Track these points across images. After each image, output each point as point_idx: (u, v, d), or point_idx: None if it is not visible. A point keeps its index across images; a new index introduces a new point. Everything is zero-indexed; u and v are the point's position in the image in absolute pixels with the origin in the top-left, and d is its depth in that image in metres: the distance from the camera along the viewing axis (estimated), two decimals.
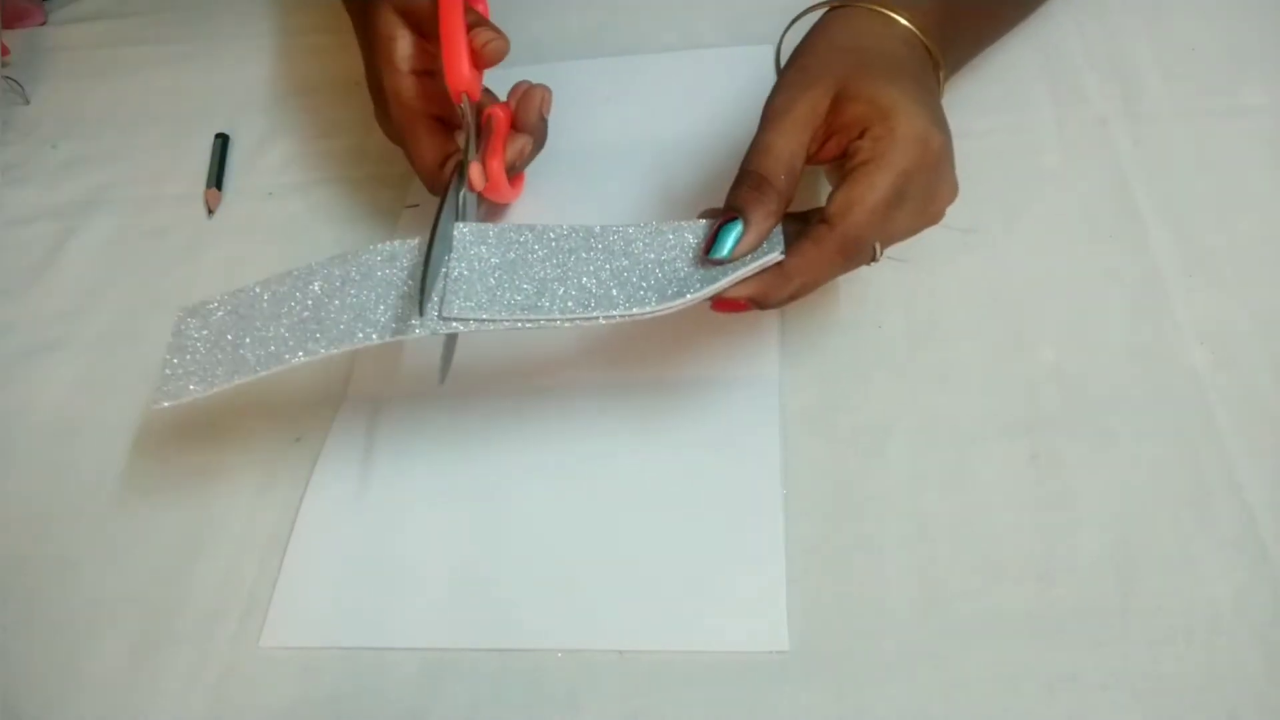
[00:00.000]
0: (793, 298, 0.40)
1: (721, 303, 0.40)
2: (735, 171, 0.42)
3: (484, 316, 0.40)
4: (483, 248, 0.42)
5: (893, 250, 0.50)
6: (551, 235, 0.42)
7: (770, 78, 0.60)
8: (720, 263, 0.40)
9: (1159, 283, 0.47)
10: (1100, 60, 0.56)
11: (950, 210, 0.51)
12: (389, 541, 0.46)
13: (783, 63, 0.46)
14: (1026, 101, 0.55)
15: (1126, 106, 0.54)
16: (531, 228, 0.43)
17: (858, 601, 0.41)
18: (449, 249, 0.42)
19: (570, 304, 0.40)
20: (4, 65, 0.72)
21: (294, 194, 0.62)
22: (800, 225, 0.42)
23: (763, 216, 0.39)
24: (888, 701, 0.38)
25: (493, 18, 0.59)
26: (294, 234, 0.60)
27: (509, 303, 0.40)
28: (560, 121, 0.61)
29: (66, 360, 0.56)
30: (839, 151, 0.41)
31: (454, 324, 0.40)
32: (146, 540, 0.48)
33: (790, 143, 0.40)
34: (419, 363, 0.52)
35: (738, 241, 0.39)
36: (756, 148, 0.41)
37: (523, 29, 0.67)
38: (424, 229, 0.58)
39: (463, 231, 0.43)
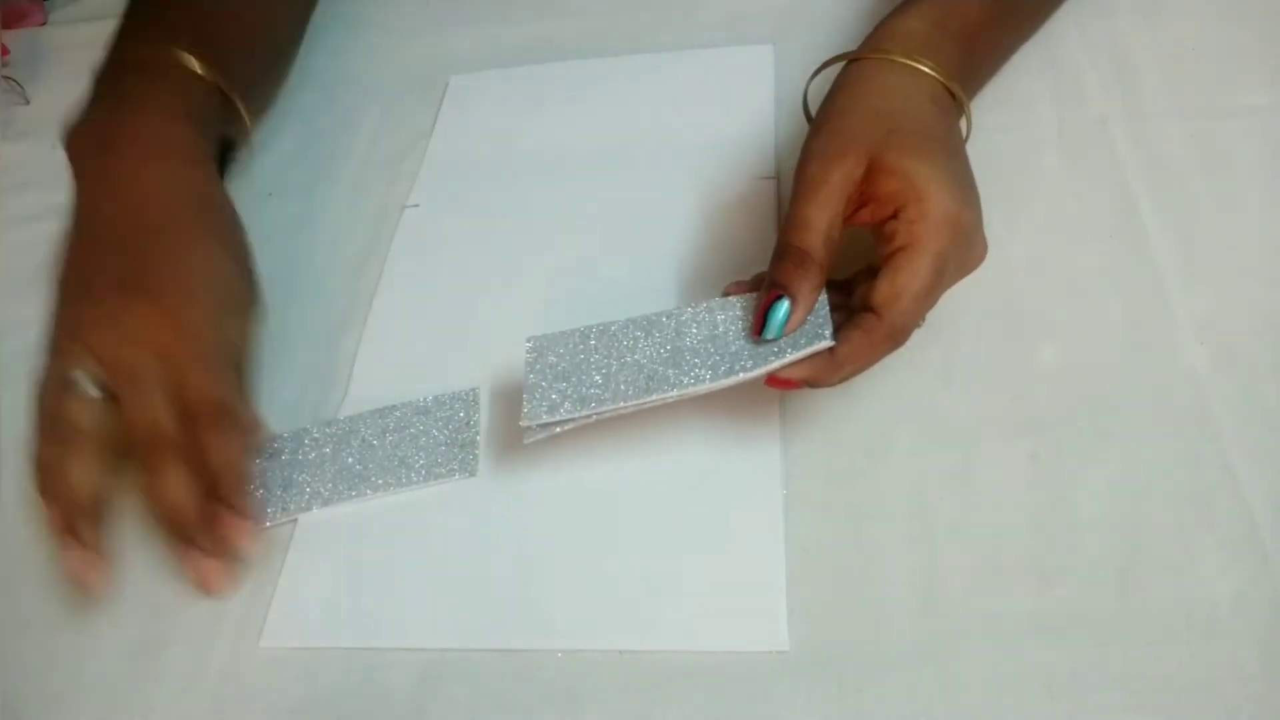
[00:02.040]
0: (844, 379, 0.41)
1: (775, 380, 0.41)
2: (734, 171, 0.43)
3: (556, 418, 0.41)
4: (550, 356, 0.44)
5: None
6: (611, 330, 0.44)
7: (770, 80, 0.60)
8: (772, 342, 0.41)
9: (1159, 283, 0.47)
10: (1100, 60, 0.56)
11: None
12: (389, 542, 0.46)
13: (811, 109, 0.46)
14: (1027, 101, 0.55)
15: (1126, 106, 0.54)
16: (593, 328, 0.44)
17: (858, 601, 0.41)
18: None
19: (630, 390, 0.41)
20: (4, 65, 0.72)
21: (294, 194, 0.62)
22: (842, 297, 0.43)
23: (808, 291, 0.41)
24: (888, 701, 0.38)
25: (494, 17, 0.59)
26: (294, 234, 0.60)
27: (576, 396, 0.42)
28: (559, 122, 0.62)
29: None
30: (871, 221, 0.42)
31: (535, 430, 0.42)
32: (146, 540, 0.48)
33: (827, 214, 0.41)
34: (418, 362, 0.52)
35: (786, 319, 0.40)
36: (795, 222, 0.41)
37: (522, 29, 0.68)
38: (424, 229, 0.59)
39: (533, 343, 0.44)
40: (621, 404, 0.41)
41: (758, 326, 0.41)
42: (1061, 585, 0.40)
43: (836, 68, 0.47)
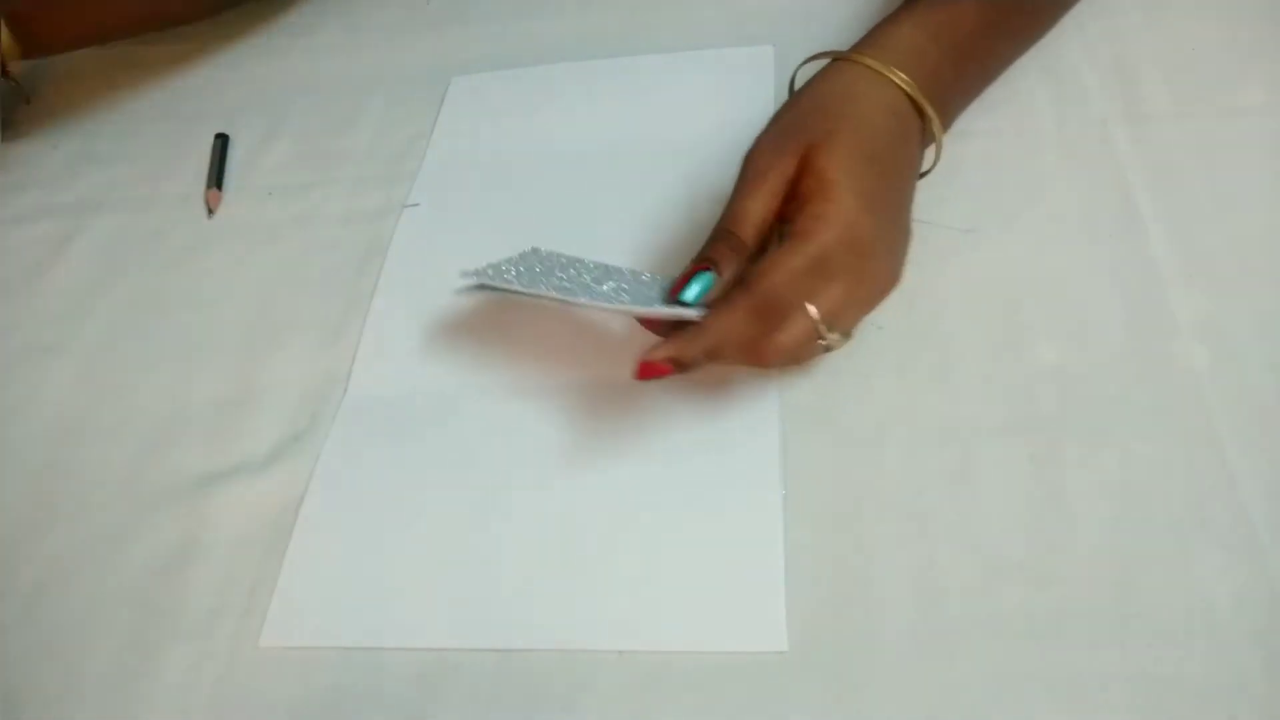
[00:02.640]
0: (708, 355, 0.41)
1: (646, 368, 0.41)
2: (734, 172, 0.43)
3: (491, 282, 0.45)
4: (534, 259, 0.48)
5: None
6: (587, 264, 0.48)
7: (770, 80, 0.60)
8: (686, 305, 0.42)
9: (1159, 283, 0.47)
10: (1100, 60, 0.56)
11: (950, 210, 0.51)
12: (389, 541, 0.46)
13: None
14: (1026, 101, 0.55)
15: (1126, 106, 0.54)
16: (578, 259, 0.48)
17: (857, 602, 0.41)
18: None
19: (550, 289, 0.44)
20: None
21: (294, 194, 0.62)
22: None
23: (733, 274, 0.42)
24: (887, 701, 0.38)
25: (494, 17, 0.60)
26: (294, 234, 0.60)
27: (518, 278, 0.46)
28: (559, 122, 0.62)
29: (66, 360, 0.56)
30: (793, 216, 0.43)
31: (471, 279, 0.46)
32: (146, 540, 0.48)
33: (762, 208, 0.43)
34: (418, 361, 0.52)
35: (707, 289, 0.42)
36: (734, 213, 0.43)
37: (522, 29, 0.68)
38: (424, 229, 0.59)
39: (532, 248, 0.49)
40: (539, 290, 0.44)
41: (679, 287, 0.42)
42: (1060, 585, 0.40)
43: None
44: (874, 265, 0.43)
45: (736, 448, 0.46)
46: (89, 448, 0.52)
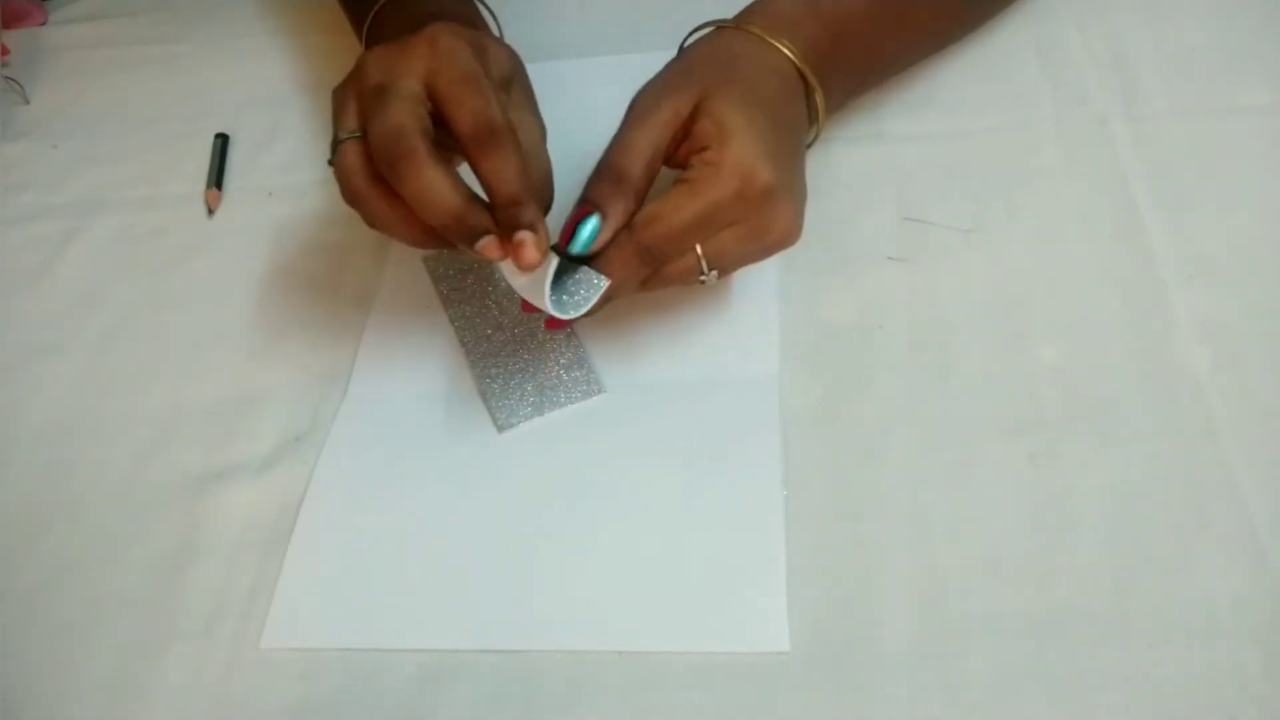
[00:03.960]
0: (605, 300, 0.42)
1: (553, 322, 0.42)
2: None
3: None
4: None
5: (893, 250, 0.51)
6: None
7: None
8: (576, 258, 0.41)
9: (1159, 283, 0.47)
10: (1100, 60, 0.56)
11: (950, 210, 0.51)
12: (389, 541, 0.46)
13: None
14: (1026, 100, 0.55)
15: (1126, 106, 0.54)
16: None
17: (858, 602, 0.41)
18: None
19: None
20: (4, 65, 0.72)
21: (294, 194, 0.62)
22: None
23: (620, 212, 0.41)
24: (888, 702, 0.38)
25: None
26: (294, 234, 0.60)
27: None
28: (560, 122, 0.61)
29: (66, 360, 0.56)
30: (685, 156, 0.43)
31: None
32: (146, 540, 0.48)
33: (651, 140, 0.42)
34: (418, 361, 0.52)
35: (594, 235, 0.41)
36: (618, 143, 0.42)
37: (523, 28, 0.68)
38: None
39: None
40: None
41: (565, 239, 0.41)
42: (1060, 586, 0.40)
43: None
44: (776, 222, 0.42)
45: (738, 448, 0.46)
46: (89, 448, 0.52)
